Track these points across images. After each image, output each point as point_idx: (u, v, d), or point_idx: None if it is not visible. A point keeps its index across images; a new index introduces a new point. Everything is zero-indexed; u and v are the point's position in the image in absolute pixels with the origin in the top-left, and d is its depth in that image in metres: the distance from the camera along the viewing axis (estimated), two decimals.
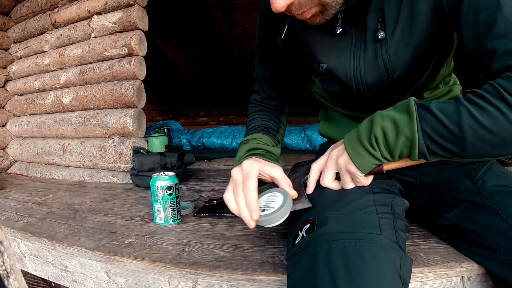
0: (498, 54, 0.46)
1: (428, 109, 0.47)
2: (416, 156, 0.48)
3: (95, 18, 1.67)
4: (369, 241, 0.44)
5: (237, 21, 3.32)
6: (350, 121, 0.74)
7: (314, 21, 0.56)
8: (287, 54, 0.75)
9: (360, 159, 0.51)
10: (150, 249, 0.73)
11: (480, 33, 0.48)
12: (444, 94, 0.68)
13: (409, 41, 0.57)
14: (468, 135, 0.43)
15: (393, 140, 0.49)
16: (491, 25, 0.46)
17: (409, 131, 0.47)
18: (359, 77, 0.62)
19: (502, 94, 0.42)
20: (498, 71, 0.46)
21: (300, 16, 0.54)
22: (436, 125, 0.45)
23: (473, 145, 0.44)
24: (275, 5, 0.49)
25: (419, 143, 0.46)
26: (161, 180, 0.86)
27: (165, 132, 1.88)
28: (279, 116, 0.86)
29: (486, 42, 0.47)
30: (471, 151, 0.45)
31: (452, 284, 0.59)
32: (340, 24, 0.59)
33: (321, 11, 0.53)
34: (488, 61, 0.47)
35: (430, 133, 0.46)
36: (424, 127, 0.46)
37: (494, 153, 0.45)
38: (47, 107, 1.89)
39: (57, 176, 1.84)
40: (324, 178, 0.57)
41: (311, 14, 0.54)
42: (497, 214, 0.53)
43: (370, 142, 0.50)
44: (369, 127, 0.51)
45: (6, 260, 0.24)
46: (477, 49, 0.49)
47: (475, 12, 0.48)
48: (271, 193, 0.59)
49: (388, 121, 0.49)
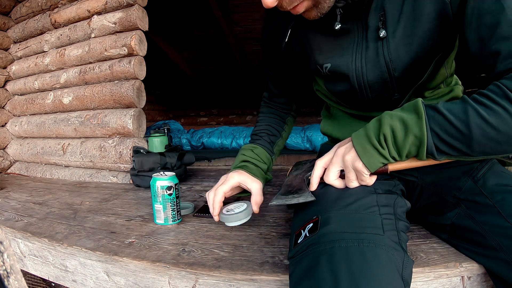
0: (502, 56, 0.47)
1: (436, 109, 0.48)
2: (424, 155, 0.49)
3: (95, 18, 1.67)
4: (372, 242, 0.44)
5: (237, 21, 3.32)
6: (352, 119, 0.75)
7: (310, 15, 0.56)
8: (291, 56, 0.77)
9: (368, 157, 0.52)
10: (150, 249, 0.73)
11: (484, 35, 0.49)
12: (446, 94, 0.68)
13: (411, 41, 0.57)
14: (475, 133, 0.45)
15: (402, 139, 0.49)
16: (495, 28, 0.47)
17: (418, 130, 0.48)
18: (361, 75, 0.63)
19: (507, 94, 0.44)
20: (502, 73, 0.47)
21: (293, 11, 0.54)
22: (444, 124, 0.46)
23: (480, 143, 0.45)
24: (266, 1, 0.50)
25: (428, 141, 0.47)
26: (161, 180, 0.86)
27: (165, 132, 1.88)
28: (285, 116, 0.91)
29: (490, 44, 0.48)
30: (478, 149, 0.46)
31: (452, 284, 0.59)
32: (339, 20, 0.59)
33: (314, 5, 0.53)
34: (492, 62, 0.48)
35: (439, 132, 0.47)
36: (433, 126, 0.47)
37: (500, 150, 0.46)
38: (47, 107, 1.89)
39: (57, 176, 1.84)
40: (329, 175, 0.58)
41: (304, 8, 0.54)
42: (498, 213, 0.53)
43: (379, 141, 0.51)
44: (377, 126, 0.52)
45: (6, 260, 0.24)
46: (481, 51, 0.50)
47: (479, 15, 0.49)
48: (242, 202, 0.78)
49: (397, 120, 0.50)
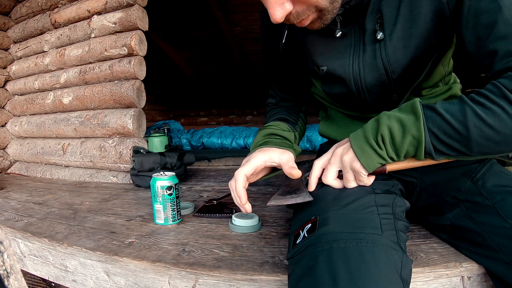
0: (500, 56, 0.47)
1: (434, 109, 0.48)
2: (422, 156, 0.49)
3: (95, 18, 1.67)
4: (370, 242, 0.44)
5: (237, 21, 3.32)
6: (350, 120, 0.74)
7: (313, 26, 0.56)
8: (289, 58, 0.76)
9: (366, 157, 0.52)
10: (150, 249, 0.73)
11: (481, 34, 0.49)
12: (444, 92, 0.68)
13: (409, 42, 0.57)
14: (473, 133, 0.45)
15: (400, 139, 0.49)
16: (492, 27, 0.47)
17: (416, 130, 0.48)
18: (359, 78, 0.63)
19: (505, 94, 0.44)
20: (499, 72, 0.47)
21: (299, 24, 0.55)
22: (442, 124, 0.46)
23: (478, 143, 0.45)
24: (274, 17, 0.50)
25: (426, 142, 0.47)
26: (161, 180, 0.86)
27: (165, 132, 1.87)
28: (298, 112, 0.87)
29: (487, 44, 0.48)
30: (476, 149, 0.46)
31: (452, 284, 0.59)
32: (339, 27, 0.60)
33: (319, 17, 0.54)
34: (490, 62, 0.48)
35: (437, 132, 0.47)
36: (431, 127, 0.47)
37: (498, 150, 0.46)
38: (47, 107, 1.89)
39: (57, 176, 1.84)
40: (327, 175, 0.58)
41: (310, 21, 0.54)
42: (497, 214, 0.53)
43: (376, 141, 0.51)
44: (375, 127, 0.52)
45: (6, 260, 0.24)
46: (478, 50, 0.50)
47: (476, 14, 0.49)
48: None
49: (395, 121, 0.50)
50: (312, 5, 0.50)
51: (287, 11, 0.50)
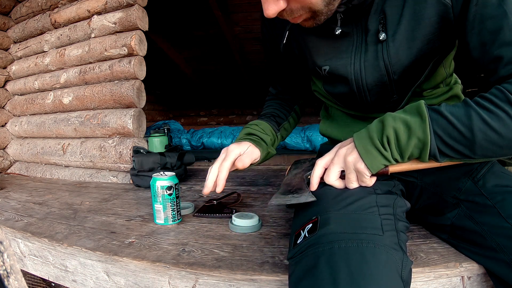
0: (505, 61, 0.47)
1: (439, 111, 0.48)
2: (427, 158, 0.49)
3: (95, 18, 1.67)
4: (371, 242, 0.44)
5: (237, 21, 3.32)
6: (351, 120, 0.75)
7: (306, 24, 0.57)
8: (289, 58, 0.77)
9: (371, 159, 0.52)
10: (150, 249, 0.73)
11: (486, 40, 0.49)
12: (445, 93, 0.68)
13: (412, 44, 0.57)
14: (478, 137, 0.45)
15: (405, 141, 0.49)
16: (498, 33, 0.47)
17: (422, 132, 0.48)
18: (360, 78, 0.63)
19: (510, 99, 0.44)
20: (504, 77, 0.47)
21: (292, 20, 0.55)
22: (447, 127, 0.47)
23: (483, 146, 0.46)
24: (267, 11, 0.51)
25: (431, 144, 0.48)
26: (161, 180, 0.86)
27: (165, 132, 1.88)
28: (292, 105, 0.92)
29: (492, 50, 0.48)
30: (480, 152, 0.47)
31: (452, 284, 0.59)
32: (339, 25, 0.60)
33: (312, 17, 0.54)
34: (494, 67, 0.49)
35: (442, 135, 0.47)
36: (436, 129, 0.47)
37: (501, 153, 0.47)
38: (47, 107, 1.89)
39: (57, 176, 1.84)
40: (329, 175, 0.57)
41: (303, 19, 0.55)
42: (498, 214, 0.53)
43: (382, 143, 0.51)
44: (380, 128, 0.52)
45: (6, 260, 0.24)
46: (483, 56, 0.50)
47: (481, 20, 0.49)
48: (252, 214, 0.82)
49: (400, 122, 0.50)
50: (307, 5, 0.51)
51: (281, 8, 0.51)
